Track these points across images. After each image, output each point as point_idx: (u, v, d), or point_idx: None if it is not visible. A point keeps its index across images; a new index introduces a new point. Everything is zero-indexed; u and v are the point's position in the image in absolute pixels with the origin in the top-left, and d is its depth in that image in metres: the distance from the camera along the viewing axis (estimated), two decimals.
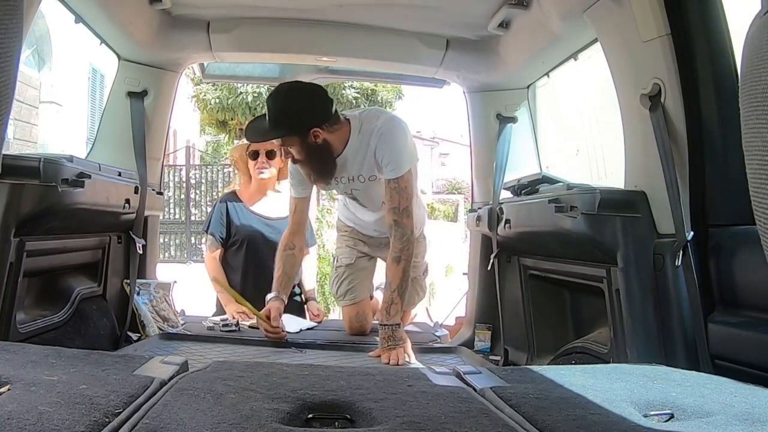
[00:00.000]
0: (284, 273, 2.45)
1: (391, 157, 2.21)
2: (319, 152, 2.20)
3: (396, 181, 2.21)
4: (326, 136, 2.18)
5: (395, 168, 2.20)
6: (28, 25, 1.71)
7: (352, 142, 2.24)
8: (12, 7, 0.73)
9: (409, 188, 2.22)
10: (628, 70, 1.78)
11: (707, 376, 1.23)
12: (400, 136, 2.25)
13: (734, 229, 1.51)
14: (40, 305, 1.92)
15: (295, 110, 2.15)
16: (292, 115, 2.14)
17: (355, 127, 2.25)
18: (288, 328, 2.49)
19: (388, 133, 2.23)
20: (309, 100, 2.19)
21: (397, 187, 2.21)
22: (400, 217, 2.20)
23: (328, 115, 2.20)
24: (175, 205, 12.72)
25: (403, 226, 2.20)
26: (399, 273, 2.19)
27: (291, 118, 2.14)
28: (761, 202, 0.69)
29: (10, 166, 1.61)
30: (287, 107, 2.15)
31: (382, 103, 11.95)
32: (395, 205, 2.21)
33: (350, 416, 0.93)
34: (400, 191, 2.21)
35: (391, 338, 2.15)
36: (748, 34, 0.72)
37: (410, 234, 2.21)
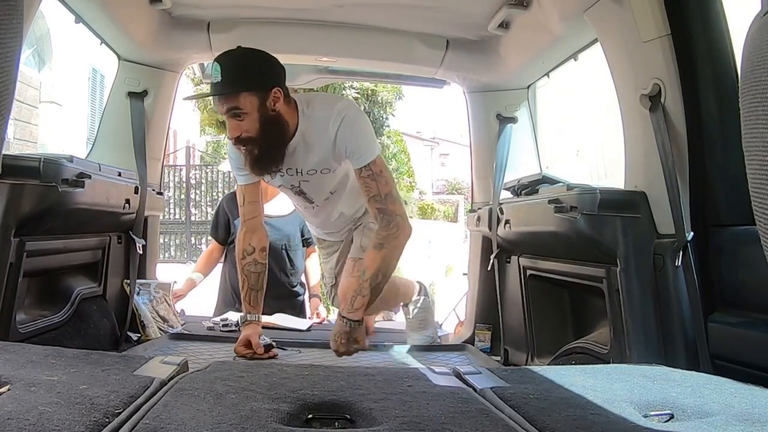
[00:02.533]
0: (250, 288, 2.16)
1: (358, 144, 1.96)
2: (274, 126, 1.92)
3: (368, 168, 1.95)
4: (282, 108, 1.93)
5: (364, 153, 1.96)
6: (28, 25, 1.71)
7: (301, 127, 1.98)
8: (12, 7, 0.73)
9: (386, 173, 1.98)
10: (628, 71, 1.78)
11: (707, 376, 1.23)
12: (364, 122, 2.05)
13: (734, 229, 1.51)
14: (40, 305, 1.92)
15: (254, 65, 1.91)
16: (252, 69, 1.90)
17: (302, 111, 1.99)
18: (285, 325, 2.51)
19: (352, 119, 1.98)
20: (267, 57, 1.95)
21: (371, 174, 1.96)
22: (384, 203, 1.95)
23: (284, 81, 1.98)
24: (175, 205, 12.72)
25: (389, 213, 1.95)
26: (377, 260, 1.94)
27: (251, 73, 1.89)
28: (761, 202, 0.69)
29: (10, 166, 1.61)
30: (246, 62, 1.91)
31: (382, 103, 11.96)
32: (375, 193, 1.96)
33: (350, 416, 0.93)
34: (376, 177, 1.95)
35: (345, 336, 1.93)
36: (748, 34, 0.72)
37: (400, 221, 1.96)
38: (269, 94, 1.88)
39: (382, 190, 1.96)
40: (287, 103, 1.95)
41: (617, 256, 1.68)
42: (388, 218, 1.95)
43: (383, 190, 1.96)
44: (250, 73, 1.88)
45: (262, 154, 1.94)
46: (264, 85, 1.88)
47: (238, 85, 1.86)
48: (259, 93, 1.87)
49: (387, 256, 1.95)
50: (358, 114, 2.05)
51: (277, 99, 1.90)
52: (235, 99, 1.86)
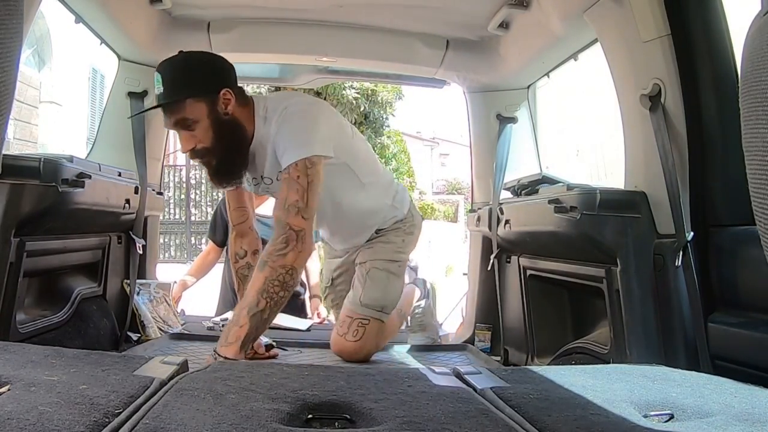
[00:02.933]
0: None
1: (287, 142, 1.74)
2: (229, 130, 1.76)
3: (287, 170, 1.72)
4: (236, 110, 1.77)
5: (290, 153, 1.73)
6: (28, 25, 1.71)
7: (257, 129, 1.82)
8: (12, 7, 0.73)
9: (302, 180, 1.70)
10: (628, 71, 1.78)
11: (707, 376, 1.22)
12: (303, 119, 1.80)
13: (734, 230, 1.51)
14: (40, 305, 1.92)
15: (197, 68, 1.75)
16: (195, 73, 1.74)
17: (257, 113, 1.82)
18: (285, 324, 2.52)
19: (291, 114, 1.78)
20: (212, 60, 1.82)
21: (287, 177, 1.72)
22: (284, 213, 1.70)
23: (235, 81, 1.81)
24: (175, 205, 12.72)
25: (283, 224, 1.69)
26: (258, 283, 1.64)
27: (194, 77, 1.73)
28: (761, 202, 0.69)
29: (10, 166, 1.61)
30: (188, 66, 1.75)
31: (382, 103, 11.96)
32: (282, 198, 1.73)
33: (350, 416, 0.93)
34: (289, 182, 1.71)
35: None
36: (748, 34, 0.72)
37: (294, 237, 1.67)
38: (218, 98, 1.74)
39: (290, 198, 1.70)
40: (242, 105, 1.80)
41: (617, 256, 1.68)
42: (280, 230, 1.70)
43: (290, 198, 1.70)
44: (193, 77, 1.73)
45: (221, 165, 1.79)
46: (210, 88, 1.73)
47: (182, 92, 1.71)
48: (207, 98, 1.73)
49: (270, 277, 1.64)
50: (302, 110, 1.82)
51: (228, 101, 1.75)
52: (181, 109, 1.72)
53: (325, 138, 1.81)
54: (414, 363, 2.21)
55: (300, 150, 1.73)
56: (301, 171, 1.72)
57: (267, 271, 1.65)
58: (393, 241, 2.21)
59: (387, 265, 2.16)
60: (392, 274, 2.17)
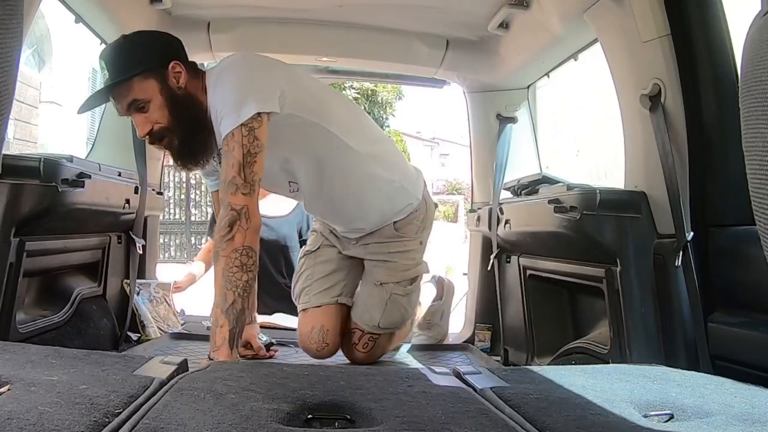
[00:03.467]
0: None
1: (219, 110, 1.58)
2: (185, 106, 1.63)
3: (225, 141, 1.55)
4: (189, 83, 1.65)
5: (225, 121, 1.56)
6: (28, 25, 1.70)
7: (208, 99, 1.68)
8: (12, 7, 0.73)
9: (237, 152, 1.52)
10: (628, 71, 1.78)
11: (707, 376, 1.22)
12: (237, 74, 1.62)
13: (734, 230, 1.51)
14: (40, 305, 1.92)
15: (139, 44, 1.64)
16: (137, 49, 1.63)
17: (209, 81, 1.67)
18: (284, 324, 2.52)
19: (221, 73, 1.63)
20: (155, 35, 1.71)
21: (226, 151, 1.55)
22: (224, 193, 1.55)
23: (183, 52, 1.70)
24: (175, 205, 12.71)
25: (225, 206, 1.54)
26: (219, 279, 1.53)
27: (138, 53, 1.62)
28: (761, 202, 0.69)
29: (10, 166, 1.61)
30: (129, 45, 1.64)
31: (382, 103, 11.97)
32: (222, 174, 1.58)
33: (350, 416, 0.93)
34: (226, 156, 1.55)
35: None
36: (748, 34, 0.72)
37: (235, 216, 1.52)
38: (167, 71, 1.63)
39: (227, 174, 1.54)
40: (194, 78, 1.67)
41: (617, 256, 1.68)
42: (223, 212, 1.54)
43: (228, 175, 1.53)
44: (138, 54, 1.62)
45: (183, 144, 1.66)
46: (158, 63, 1.62)
47: (128, 71, 1.60)
48: (156, 73, 1.62)
49: (227, 267, 1.51)
50: (233, 65, 1.65)
51: (179, 74, 1.64)
52: (129, 89, 1.61)
53: (264, 91, 1.59)
54: (414, 363, 2.22)
55: (231, 117, 1.55)
56: (236, 140, 1.53)
57: (222, 262, 1.53)
58: (412, 248, 2.02)
59: (409, 288, 2.04)
60: (413, 293, 2.08)
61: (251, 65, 1.68)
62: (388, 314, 2.01)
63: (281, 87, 1.64)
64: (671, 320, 1.60)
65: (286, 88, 1.66)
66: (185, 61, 1.70)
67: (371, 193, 1.91)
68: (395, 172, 1.95)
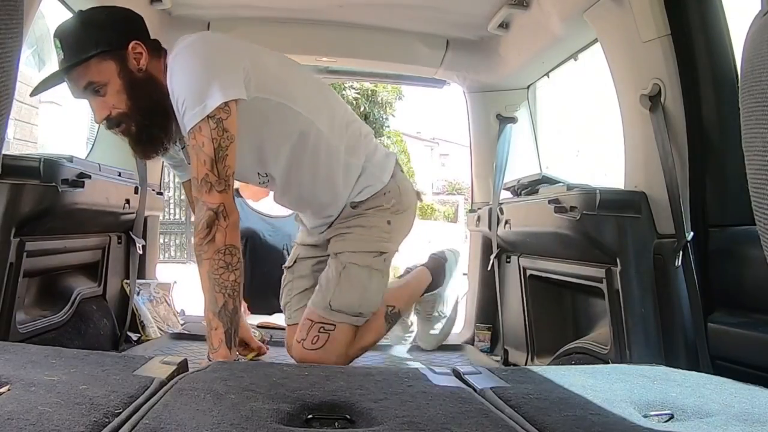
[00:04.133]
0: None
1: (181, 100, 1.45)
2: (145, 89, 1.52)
3: (192, 134, 1.45)
4: (150, 64, 1.53)
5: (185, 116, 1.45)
6: (28, 25, 1.71)
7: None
8: (12, 7, 0.73)
9: (208, 147, 1.43)
10: (628, 71, 1.78)
11: (707, 376, 1.22)
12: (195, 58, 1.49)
13: (734, 230, 1.51)
14: (40, 305, 1.92)
15: (96, 23, 1.51)
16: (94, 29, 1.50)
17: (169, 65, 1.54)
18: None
19: (177, 57, 1.50)
20: (114, 12, 1.57)
21: (193, 145, 1.45)
22: (198, 191, 1.47)
23: (144, 30, 1.57)
24: (175, 205, 12.70)
25: (200, 206, 1.47)
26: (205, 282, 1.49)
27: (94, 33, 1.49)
28: (761, 203, 0.69)
29: (10, 166, 1.61)
30: (86, 23, 1.51)
31: (382, 103, 11.97)
32: (192, 171, 1.49)
33: (350, 416, 0.93)
34: (195, 151, 1.45)
35: None
36: (748, 34, 0.72)
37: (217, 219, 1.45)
38: (127, 52, 1.51)
39: (199, 172, 1.45)
40: (156, 57, 1.55)
41: (617, 256, 1.68)
42: (199, 212, 1.47)
43: (199, 172, 1.45)
44: (95, 33, 1.49)
45: (141, 131, 1.55)
46: (117, 43, 1.50)
47: (84, 52, 1.48)
48: (113, 54, 1.50)
49: (212, 269, 1.46)
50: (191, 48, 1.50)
51: (139, 55, 1.52)
52: (84, 71, 1.50)
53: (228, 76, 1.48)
54: (414, 363, 2.21)
55: (196, 108, 1.43)
56: (204, 135, 1.43)
57: (206, 265, 1.47)
58: (376, 224, 1.76)
59: (369, 260, 1.73)
60: (375, 271, 1.75)
61: (211, 47, 1.54)
62: (342, 292, 1.70)
63: (245, 68, 1.53)
64: (671, 320, 1.60)
65: (250, 69, 1.54)
66: (146, 39, 1.56)
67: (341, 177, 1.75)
68: (359, 151, 1.78)
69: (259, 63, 1.60)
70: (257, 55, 1.63)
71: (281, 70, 1.69)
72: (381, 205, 1.78)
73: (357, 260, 1.73)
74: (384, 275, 1.80)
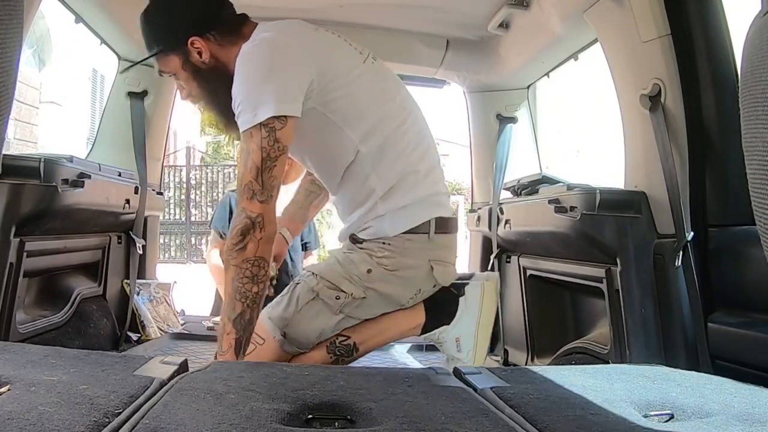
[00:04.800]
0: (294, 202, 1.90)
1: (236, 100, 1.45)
2: (212, 81, 1.56)
3: (244, 137, 1.44)
4: (219, 53, 1.55)
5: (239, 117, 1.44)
6: (28, 25, 1.71)
7: None
8: (12, 7, 0.73)
9: (256, 155, 1.40)
10: (628, 71, 1.78)
11: (707, 376, 1.22)
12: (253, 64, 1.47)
13: (734, 230, 1.51)
14: (40, 305, 1.92)
15: (158, 22, 1.57)
16: (157, 27, 1.56)
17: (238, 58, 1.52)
18: None
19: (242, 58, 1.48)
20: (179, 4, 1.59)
21: (243, 149, 1.45)
22: (240, 195, 1.44)
23: (212, 19, 1.56)
24: (175, 205, 12.73)
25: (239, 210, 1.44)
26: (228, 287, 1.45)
27: (156, 32, 1.56)
28: (761, 202, 0.69)
29: (10, 166, 1.61)
30: (151, 20, 1.57)
31: None
32: (238, 173, 1.48)
33: (350, 416, 0.93)
34: (244, 155, 1.44)
35: None
36: (748, 34, 0.72)
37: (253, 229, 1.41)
38: (188, 49, 1.54)
39: (244, 177, 1.43)
40: (228, 44, 1.55)
41: (617, 256, 1.68)
42: (237, 217, 1.45)
43: (245, 177, 1.42)
44: (153, 33, 1.57)
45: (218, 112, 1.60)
46: (173, 41, 1.54)
47: (151, 48, 1.56)
48: (174, 50, 1.55)
49: (237, 277, 1.42)
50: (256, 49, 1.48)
51: (200, 51, 1.54)
52: (157, 62, 1.59)
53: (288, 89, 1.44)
54: (414, 363, 2.21)
55: (247, 115, 1.42)
56: (255, 142, 1.41)
57: (232, 272, 1.43)
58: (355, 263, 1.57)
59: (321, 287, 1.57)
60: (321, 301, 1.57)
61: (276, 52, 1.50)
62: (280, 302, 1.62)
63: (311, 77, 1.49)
64: (671, 320, 1.60)
65: (316, 78, 1.50)
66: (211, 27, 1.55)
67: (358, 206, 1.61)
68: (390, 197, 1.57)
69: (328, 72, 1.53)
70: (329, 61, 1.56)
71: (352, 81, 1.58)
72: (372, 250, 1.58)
73: (310, 281, 1.59)
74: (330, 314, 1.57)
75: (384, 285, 1.58)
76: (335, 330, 1.60)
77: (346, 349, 1.64)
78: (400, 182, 1.57)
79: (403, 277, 1.59)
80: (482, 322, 1.66)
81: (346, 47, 1.64)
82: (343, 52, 1.62)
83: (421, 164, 1.60)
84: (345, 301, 1.57)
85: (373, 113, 1.58)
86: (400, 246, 1.57)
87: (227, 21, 1.58)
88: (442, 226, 1.60)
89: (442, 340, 1.69)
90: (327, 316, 1.58)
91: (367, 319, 1.62)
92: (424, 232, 1.58)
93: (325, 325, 1.59)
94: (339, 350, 1.64)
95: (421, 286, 1.62)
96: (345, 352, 1.64)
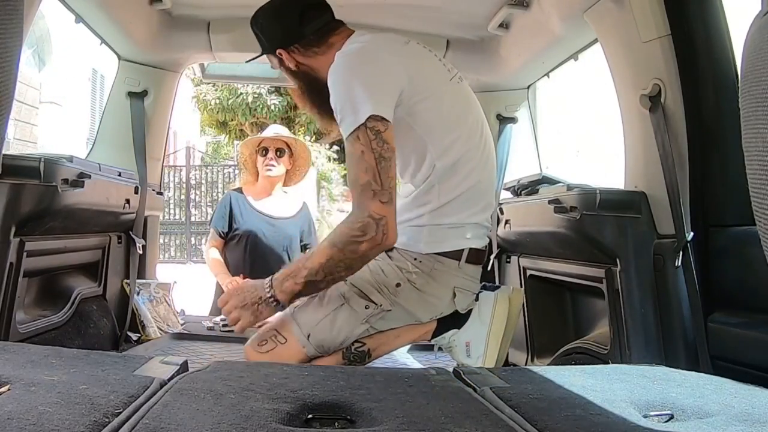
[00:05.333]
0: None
1: (335, 106, 1.50)
2: (306, 83, 1.71)
3: (350, 142, 1.46)
4: (302, 60, 1.67)
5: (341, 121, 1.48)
6: (28, 25, 1.71)
7: None
8: (12, 7, 0.73)
9: (369, 156, 1.42)
10: (628, 71, 1.78)
11: (707, 377, 1.22)
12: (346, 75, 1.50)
13: (734, 230, 1.51)
14: (40, 305, 1.92)
15: (260, 28, 1.73)
16: (260, 32, 1.74)
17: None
18: None
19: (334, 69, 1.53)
20: (273, 15, 1.71)
21: (351, 153, 1.46)
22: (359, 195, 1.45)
23: (295, 35, 1.67)
24: (175, 205, 12.74)
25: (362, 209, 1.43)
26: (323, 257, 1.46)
27: (259, 36, 1.75)
28: (761, 203, 0.69)
29: (10, 166, 1.61)
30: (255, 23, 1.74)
31: None
32: (350, 175, 1.50)
33: (350, 416, 0.93)
34: (355, 159, 1.45)
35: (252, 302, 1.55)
36: (748, 34, 0.72)
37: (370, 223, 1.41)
38: (279, 57, 1.70)
39: (359, 177, 1.44)
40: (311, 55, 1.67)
41: (617, 256, 1.68)
42: (358, 214, 1.44)
43: (360, 177, 1.44)
44: (259, 36, 1.74)
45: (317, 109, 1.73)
46: (268, 48, 1.72)
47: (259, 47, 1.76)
48: (272, 56, 1.73)
49: (337, 259, 1.45)
50: (348, 59, 1.53)
51: (289, 60, 1.68)
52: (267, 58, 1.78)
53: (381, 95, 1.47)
54: (414, 363, 2.21)
55: (349, 117, 1.44)
56: (363, 143, 1.42)
57: (336, 253, 1.45)
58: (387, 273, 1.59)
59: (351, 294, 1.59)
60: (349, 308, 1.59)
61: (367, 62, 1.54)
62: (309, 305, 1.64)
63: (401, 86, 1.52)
64: (671, 320, 1.60)
65: (407, 86, 1.53)
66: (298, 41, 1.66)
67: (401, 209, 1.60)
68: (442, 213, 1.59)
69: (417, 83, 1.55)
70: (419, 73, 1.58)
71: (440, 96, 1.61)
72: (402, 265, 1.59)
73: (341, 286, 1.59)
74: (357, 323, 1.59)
75: (410, 302, 1.60)
76: (356, 338, 1.62)
77: (360, 355, 1.66)
78: (453, 201, 1.59)
79: (428, 300, 1.62)
80: (493, 330, 1.65)
81: (435, 62, 1.68)
82: (433, 66, 1.66)
83: (477, 188, 1.63)
84: (373, 312, 1.59)
85: (453, 130, 1.60)
86: (430, 266, 1.58)
87: (310, 34, 1.67)
88: (473, 257, 1.62)
89: (452, 344, 1.68)
90: (353, 325, 1.59)
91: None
92: (455, 259, 1.59)
93: (350, 333, 1.61)
94: (354, 356, 1.65)
95: (443, 310, 1.65)
96: (359, 358, 1.66)
